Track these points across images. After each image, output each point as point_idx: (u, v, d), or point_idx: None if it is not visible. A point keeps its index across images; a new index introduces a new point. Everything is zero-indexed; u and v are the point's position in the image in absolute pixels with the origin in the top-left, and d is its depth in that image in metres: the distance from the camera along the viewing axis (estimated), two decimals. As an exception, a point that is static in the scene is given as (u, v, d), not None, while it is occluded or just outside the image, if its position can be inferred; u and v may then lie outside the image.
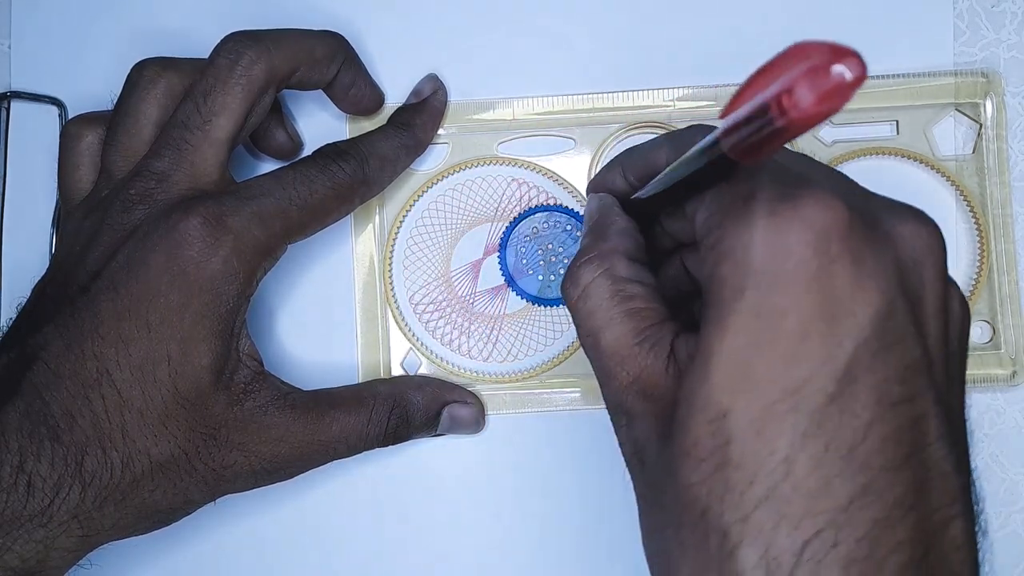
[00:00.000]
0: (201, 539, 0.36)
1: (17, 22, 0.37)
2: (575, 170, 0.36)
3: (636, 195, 0.27)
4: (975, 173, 0.36)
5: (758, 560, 0.20)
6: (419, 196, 0.36)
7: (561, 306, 0.36)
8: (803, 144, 0.36)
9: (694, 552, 0.21)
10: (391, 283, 0.36)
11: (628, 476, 0.24)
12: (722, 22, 0.36)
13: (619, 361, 0.24)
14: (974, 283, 0.36)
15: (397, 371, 0.36)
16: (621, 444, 0.24)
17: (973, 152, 0.36)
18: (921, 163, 0.36)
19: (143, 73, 0.31)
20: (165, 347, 0.28)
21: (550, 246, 0.36)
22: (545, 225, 0.36)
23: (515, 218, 0.36)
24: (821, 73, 0.16)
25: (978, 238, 0.36)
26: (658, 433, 0.22)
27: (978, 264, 0.36)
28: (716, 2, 0.37)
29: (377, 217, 0.36)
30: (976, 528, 0.21)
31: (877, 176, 0.36)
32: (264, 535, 0.36)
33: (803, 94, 0.16)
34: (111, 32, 0.37)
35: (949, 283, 0.23)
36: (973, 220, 0.36)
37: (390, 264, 0.36)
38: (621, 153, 0.29)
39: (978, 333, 0.36)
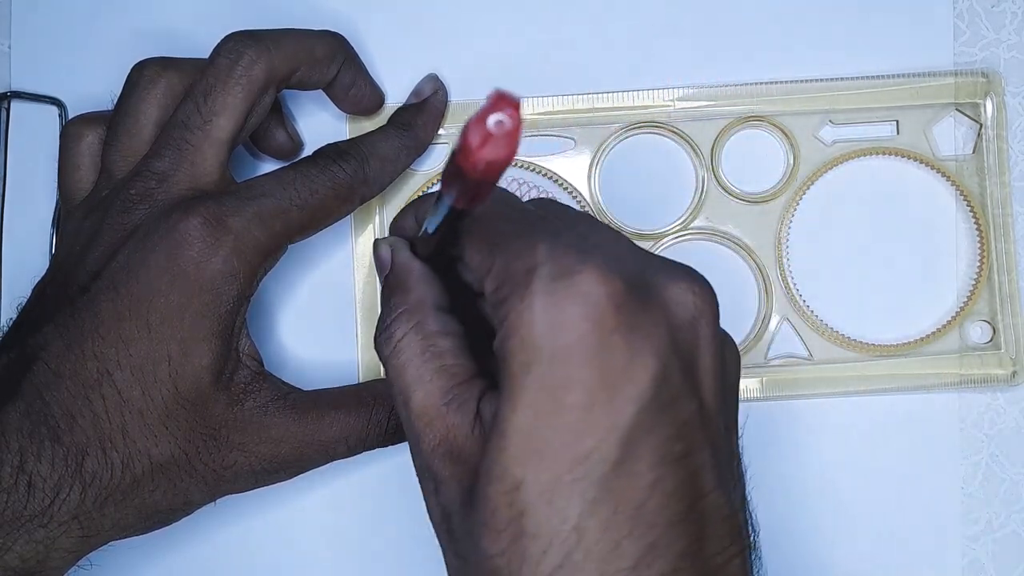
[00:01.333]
0: (201, 539, 0.36)
1: (17, 22, 0.37)
2: (575, 170, 0.36)
3: (420, 234, 0.27)
4: (975, 173, 0.36)
5: None
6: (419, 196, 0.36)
7: None
8: (804, 144, 0.36)
9: None
10: (391, 283, 0.36)
11: None
12: (722, 22, 0.36)
13: (427, 422, 0.24)
14: (974, 283, 0.36)
15: (397, 371, 0.36)
16: (429, 511, 0.25)
17: (973, 152, 0.36)
18: (921, 163, 0.36)
19: (143, 73, 0.31)
20: (165, 347, 0.28)
21: None
22: None
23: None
24: (481, 124, 0.17)
25: (978, 238, 0.36)
26: (462, 500, 0.23)
27: (978, 264, 0.36)
28: (716, 2, 0.37)
29: (377, 217, 0.36)
30: (752, 557, 0.23)
31: (877, 176, 0.36)
32: (264, 535, 0.36)
33: (471, 143, 0.17)
34: (111, 32, 0.37)
35: (723, 335, 0.24)
36: (973, 220, 0.36)
37: (390, 264, 0.36)
38: (418, 198, 0.30)
39: (978, 333, 0.36)
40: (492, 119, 0.17)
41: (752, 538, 0.24)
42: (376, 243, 0.29)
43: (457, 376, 0.24)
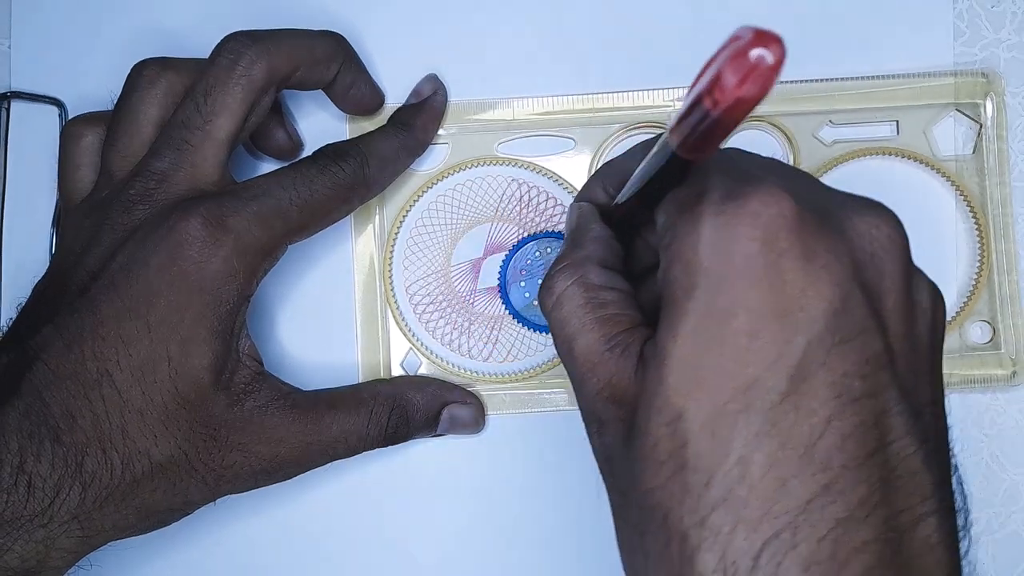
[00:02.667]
0: (200, 539, 0.36)
1: (17, 22, 0.37)
2: (575, 170, 0.36)
3: (615, 202, 0.27)
4: (975, 173, 0.36)
5: (716, 564, 0.19)
6: (419, 196, 0.36)
7: (538, 331, 0.36)
8: (804, 145, 0.36)
9: (657, 559, 0.20)
10: (391, 283, 0.36)
11: None
12: (723, 22, 0.36)
13: (591, 368, 0.24)
14: (974, 283, 0.36)
15: (397, 371, 0.36)
16: (594, 451, 0.24)
17: (973, 152, 0.36)
18: (921, 163, 0.36)
19: (143, 73, 0.31)
20: (165, 347, 0.28)
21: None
22: (547, 249, 0.36)
23: (523, 239, 0.36)
24: (742, 58, 0.17)
25: (978, 238, 0.36)
26: (624, 439, 0.22)
27: (978, 264, 0.36)
28: (716, 2, 0.37)
29: (377, 217, 0.36)
30: (956, 526, 0.21)
31: (877, 176, 0.36)
32: (263, 536, 0.36)
33: (728, 80, 0.17)
34: (111, 32, 0.37)
35: (916, 274, 0.22)
36: (973, 220, 0.36)
37: (390, 264, 0.36)
38: (603, 165, 0.29)
39: (978, 333, 0.36)
40: (755, 53, 0.16)
41: (958, 508, 0.21)
42: (570, 207, 0.29)
43: (620, 324, 0.24)
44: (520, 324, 0.36)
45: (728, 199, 0.20)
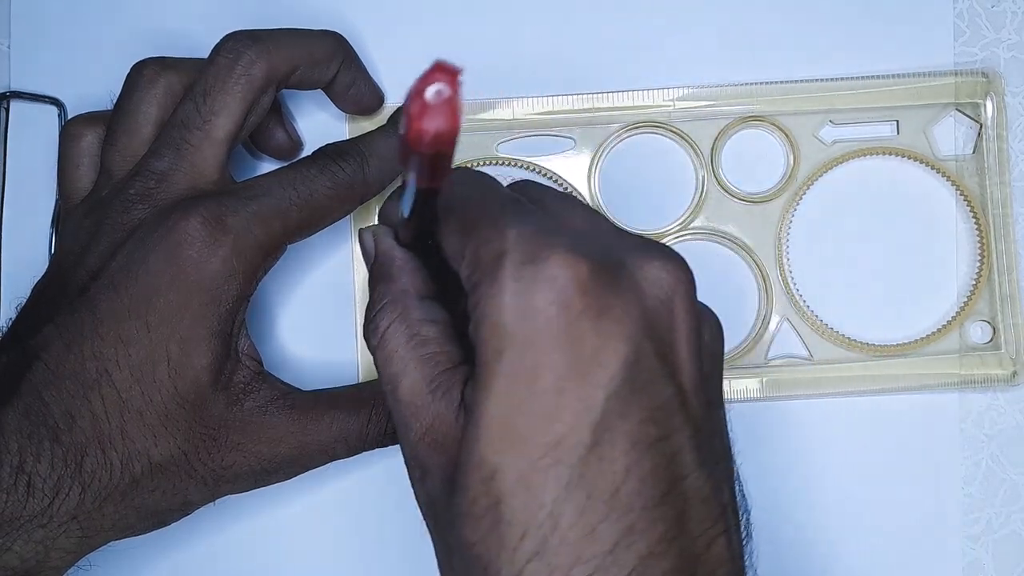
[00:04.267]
0: (200, 539, 0.36)
1: (17, 22, 0.37)
2: (575, 170, 0.36)
3: (398, 220, 0.27)
4: (975, 173, 0.36)
5: None
6: (419, 196, 0.36)
7: None
8: (804, 144, 0.36)
9: None
10: (391, 283, 0.36)
11: None
12: (722, 22, 0.36)
13: (414, 411, 0.24)
14: (974, 283, 0.36)
15: (397, 371, 0.36)
16: (417, 498, 0.25)
17: (973, 152, 0.36)
18: (921, 163, 0.36)
19: (143, 73, 0.31)
20: (164, 347, 0.28)
21: None
22: None
23: None
24: (420, 97, 0.17)
25: (978, 238, 0.36)
26: (445, 489, 0.23)
27: (978, 264, 0.36)
28: (716, 2, 0.37)
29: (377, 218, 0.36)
30: (741, 536, 0.23)
31: (877, 176, 0.36)
32: (263, 536, 0.36)
33: (413, 119, 0.17)
34: (111, 32, 0.37)
35: (701, 310, 0.23)
36: (973, 220, 0.36)
37: (390, 264, 0.36)
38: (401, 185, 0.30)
39: (978, 333, 0.36)
40: (430, 90, 0.17)
41: (741, 516, 0.23)
42: (360, 232, 0.29)
43: (441, 364, 0.24)
44: None
45: (526, 263, 0.21)
